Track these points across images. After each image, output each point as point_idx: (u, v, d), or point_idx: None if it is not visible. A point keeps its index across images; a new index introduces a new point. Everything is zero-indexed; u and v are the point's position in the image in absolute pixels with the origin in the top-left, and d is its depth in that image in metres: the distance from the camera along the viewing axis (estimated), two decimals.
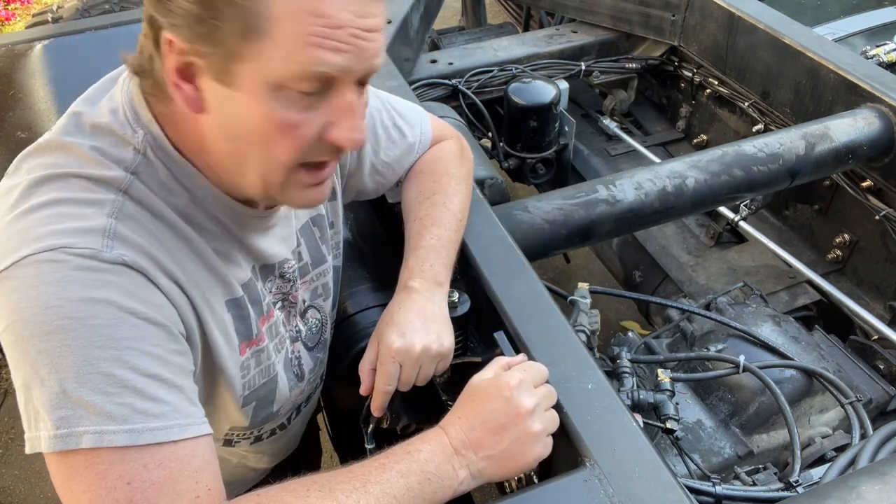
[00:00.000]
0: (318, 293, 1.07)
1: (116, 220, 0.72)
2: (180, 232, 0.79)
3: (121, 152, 0.76)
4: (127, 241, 0.72)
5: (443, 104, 1.91)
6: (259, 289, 0.92)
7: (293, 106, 0.71)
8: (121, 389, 0.67)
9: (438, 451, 0.80)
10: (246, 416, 0.96)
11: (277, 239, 0.94)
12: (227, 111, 0.73)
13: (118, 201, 0.73)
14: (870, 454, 1.03)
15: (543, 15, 3.33)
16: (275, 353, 0.97)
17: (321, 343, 1.10)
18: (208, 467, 0.73)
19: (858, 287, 1.91)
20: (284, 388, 1.00)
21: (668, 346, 1.46)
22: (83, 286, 0.68)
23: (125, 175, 0.75)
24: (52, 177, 0.73)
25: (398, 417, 1.07)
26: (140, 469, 0.67)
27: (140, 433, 0.67)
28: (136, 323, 0.69)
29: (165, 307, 0.74)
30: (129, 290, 0.70)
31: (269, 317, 0.95)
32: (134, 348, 0.69)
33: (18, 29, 4.59)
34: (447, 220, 1.10)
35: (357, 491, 0.73)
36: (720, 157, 1.57)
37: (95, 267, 0.69)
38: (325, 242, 1.06)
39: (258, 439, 1.07)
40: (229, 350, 0.86)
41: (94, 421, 0.66)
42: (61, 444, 0.66)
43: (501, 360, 0.91)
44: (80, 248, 0.69)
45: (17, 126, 1.62)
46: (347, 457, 1.42)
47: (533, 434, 0.83)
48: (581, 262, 3.14)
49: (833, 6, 2.70)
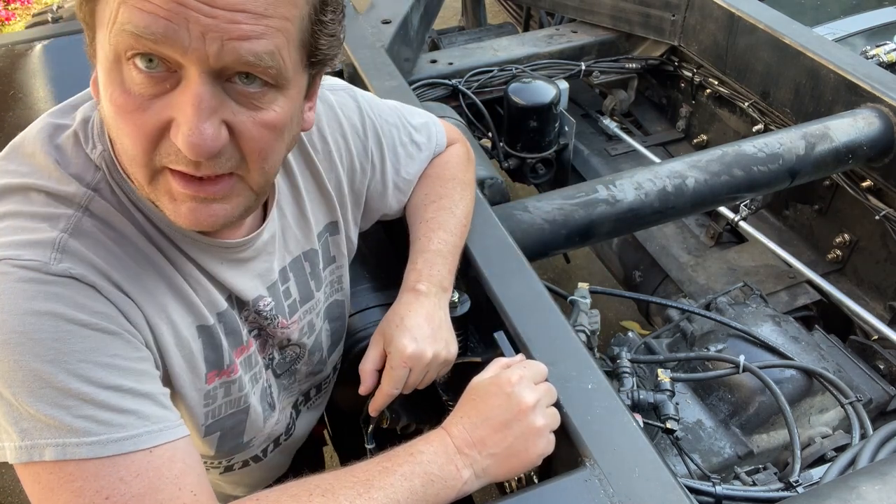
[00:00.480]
0: (303, 332, 1.01)
1: (69, 235, 0.68)
2: (143, 253, 0.74)
3: (82, 167, 0.72)
4: (77, 255, 0.68)
5: (443, 104, 1.91)
6: (236, 319, 0.87)
7: (132, 87, 0.63)
8: (78, 402, 0.64)
9: (441, 452, 0.79)
10: (210, 446, 0.91)
11: (252, 275, 0.88)
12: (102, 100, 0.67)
13: (75, 216, 0.70)
14: (870, 454, 1.03)
15: (543, 15, 3.33)
16: (250, 384, 0.92)
17: (290, 372, 1.05)
18: (190, 471, 0.70)
19: (858, 287, 1.91)
20: (258, 420, 0.96)
21: (668, 346, 1.46)
22: (27, 299, 0.64)
23: (85, 191, 0.71)
24: (12, 188, 0.70)
25: (398, 417, 1.07)
26: (117, 482, 0.65)
27: (104, 445, 0.65)
28: (87, 335, 0.66)
29: (118, 317, 0.70)
30: (78, 303, 0.66)
31: (247, 347, 0.90)
32: (88, 360, 0.65)
33: (18, 29, 4.59)
34: (453, 226, 1.09)
35: (361, 497, 0.71)
36: (720, 157, 1.57)
37: (40, 279, 0.65)
38: (315, 278, 1.01)
39: (229, 469, 1.03)
40: (192, 376, 0.81)
41: (55, 434, 0.64)
42: (25, 456, 0.64)
43: (501, 361, 0.91)
44: (25, 261, 0.65)
45: (17, 126, 1.61)
46: (347, 457, 1.42)
47: (536, 429, 0.82)
48: (581, 262, 3.14)
49: (833, 6, 2.70)
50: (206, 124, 0.62)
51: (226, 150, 0.66)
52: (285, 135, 0.71)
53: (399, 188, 1.11)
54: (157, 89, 0.63)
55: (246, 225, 0.85)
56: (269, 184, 0.75)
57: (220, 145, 0.64)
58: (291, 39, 0.65)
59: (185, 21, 0.59)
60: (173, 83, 0.63)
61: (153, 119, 0.63)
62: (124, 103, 0.63)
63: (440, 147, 1.17)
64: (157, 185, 0.68)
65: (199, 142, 0.62)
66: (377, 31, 1.95)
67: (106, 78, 0.64)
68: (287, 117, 0.70)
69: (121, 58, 0.62)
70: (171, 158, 0.65)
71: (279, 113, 0.68)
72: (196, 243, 0.79)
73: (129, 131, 0.64)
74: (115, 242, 0.72)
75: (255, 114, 0.66)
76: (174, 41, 0.59)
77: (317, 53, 0.71)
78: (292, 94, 0.69)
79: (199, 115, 0.62)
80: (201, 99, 0.62)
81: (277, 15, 0.62)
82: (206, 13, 0.59)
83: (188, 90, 0.62)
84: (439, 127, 1.17)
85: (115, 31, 0.60)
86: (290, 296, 0.96)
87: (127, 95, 0.63)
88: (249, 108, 0.66)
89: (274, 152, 0.71)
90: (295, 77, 0.69)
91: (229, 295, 0.85)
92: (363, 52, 1.77)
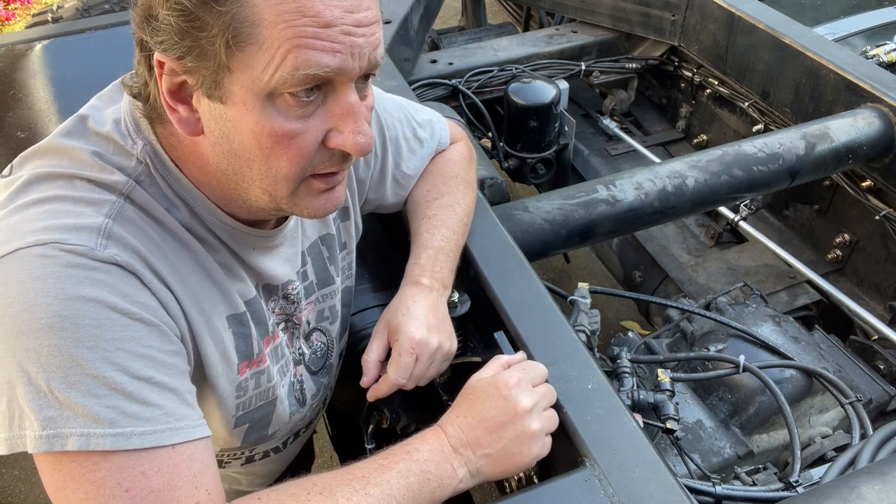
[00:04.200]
0: (324, 315, 1.03)
1: (113, 221, 0.70)
2: (182, 241, 0.77)
3: (122, 160, 0.75)
4: (122, 241, 0.70)
5: (443, 104, 1.91)
6: (263, 308, 0.89)
7: (289, 114, 0.68)
8: (109, 392, 0.65)
9: (437, 450, 0.80)
10: (237, 437, 0.93)
11: (281, 259, 0.91)
12: (222, 128, 0.70)
13: (118, 203, 0.72)
14: (870, 454, 1.03)
15: (543, 15, 3.33)
16: (278, 376, 0.94)
17: (326, 367, 1.06)
18: (207, 471, 0.71)
19: (858, 287, 1.91)
20: (284, 414, 0.97)
21: (668, 346, 1.46)
22: (74, 283, 0.65)
23: (127, 180, 0.74)
24: (54, 175, 0.72)
25: (398, 417, 1.07)
26: (138, 476, 0.66)
27: (128, 437, 0.65)
28: (127, 323, 0.67)
29: (157, 309, 0.71)
30: (121, 290, 0.68)
31: (273, 338, 0.92)
32: (124, 350, 0.66)
33: (18, 29, 4.59)
34: (455, 224, 1.10)
35: (357, 493, 0.72)
36: (720, 157, 1.57)
37: (86, 265, 0.67)
38: (333, 263, 1.02)
39: (250, 460, 1.05)
40: (225, 367, 0.83)
41: (81, 423, 0.64)
42: (46, 445, 0.64)
43: (500, 360, 0.91)
44: (72, 245, 0.67)
45: (17, 126, 1.62)
46: (347, 457, 1.42)
47: (531, 433, 0.83)
48: (581, 262, 3.14)
49: (833, 6, 2.70)
50: (366, 125, 0.72)
51: None
52: None
53: (398, 182, 1.11)
54: (311, 109, 0.69)
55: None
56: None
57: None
58: None
59: (351, 47, 0.66)
60: (321, 98, 0.69)
61: (314, 137, 0.70)
62: (290, 131, 0.68)
63: (443, 144, 1.17)
64: (299, 192, 0.74)
65: (367, 140, 0.71)
66: None
67: (256, 112, 0.67)
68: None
69: (276, 93, 0.67)
70: (325, 163, 0.73)
71: (373, 96, 0.77)
72: (236, 233, 0.82)
73: (290, 155, 0.70)
74: (155, 231, 0.74)
75: (366, 102, 0.74)
76: (346, 71, 0.67)
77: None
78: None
79: (359, 120, 0.71)
80: (359, 106, 0.71)
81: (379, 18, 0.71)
82: (360, 35, 0.67)
83: (345, 101, 0.70)
84: (443, 125, 1.18)
85: (283, 73, 0.65)
86: (308, 278, 0.98)
87: (291, 123, 0.68)
88: (363, 98, 0.74)
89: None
90: None
91: (257, 284, 0.88)
92: None
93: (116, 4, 2.75)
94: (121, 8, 2.71)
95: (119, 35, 1.87)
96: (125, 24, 1.92)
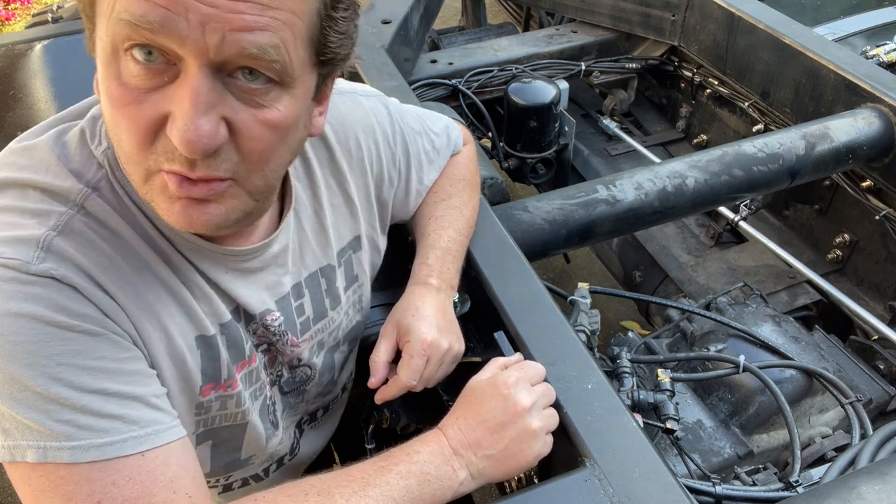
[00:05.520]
0: (312, 351, 0.96)
1: (57, 233, 0.65)
2: (140, 256, 0.71)
3: (84, 164, 0.70)
4: (62, 254, 0.65)
5: (443, 104, 1.91)
6: (241, 331, 0.82)
7: (129, 79, 0.59)
8: (58, 407, 0.62)
9: (437, 452, 0.79)
10: (205, 459, 0.88)
11: (259, 286, 0.83)
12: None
13: (66, 214, 0.67)
14: (870, 454, 1.03)
15: (543, 15, 3.33)
16: (250, 400, 0.88)
17: (297, 392, 1.01)
18: (185, 474, 0.68)
19: (858, 287, 1.91)
20: (258, 438, 0.92)
21: (668, 346, 1.46)
22: (5, 299, 0.61)
23: (81, 188, 0.68)
24: (10, 183, 0.68)
25: (398, 417, 1.07)
26: (109, 486, 0.64)
27: (85, 450, 0.63)
28: (68, 337, 0.63)
29: (102, 319, 0.66)
30: (58, 304, 0.63)
31: (249, 362, 0.86)
32: (68, 364, 0.63)
33: (18, 29, 4.59)
34: (462, 226, 1.10)
35: (356, 494, 0.72)
36: (720, 157, 1.57)
37: (19, 279, 0.62)
38: (330, 296, 0.96)
39: (228, 488, 0.99)
40: (183, 386, 0.77)
41: (36, 437, 0.62)
42: (8, 455, 0.63)
43: (498, 361, 0.91)
44: (6, 259, 0.62)
45: (17, 126, 1.62)
46: (347, 457, 1.42)
47: (532, 431, 0.82)
48: (581, 262, 3.14)
49: (833, 6, 2.70)
50: (202, 119, 0.58)
51: (224, 149, 0.62)
52: (289, 137, 0.68)
53: (420, 193, 1.10)
54: (155, 82, 0.59)
55: (256, 233, 0.82)
56: (270, 189, 0.71)
57: (217, 143, 0.60)
58: (298, 34, 0.62)
59: (185, 10, 0.55)
60: (172, 76, 0.59)
61: (149, 112, 0.60)
62: (120, 95, 0.60)
63: (457, 148, 1.17)
64: (153, 184, 0.65)
65: (195, 137, 0.58)
66: (377, 31, 1.95)
67: (104, 71, 0.61)
68: (292, 118, 0.66)
69: (118, 50, 0.59)
70: (167, 157, 0.62)
71: (283, 112, 0.64)
72: (199, 249, 0.75)
73: (125, 126, 0.61)
74: (109, 243, 0.69)
75: (256, 111, 0.62)
76: (172, 31, 0.56)
77: (326, 51, 0.67)
78: (298, 94, 0.66)
79: (196, 110, 0.58)
80: (199, 92, 0.58)
81: (284, 7, 0.59)
82: (206, 2, 0.56)
83: (186, 83, 0.58)
84: (458, 131, 1.18)
85: (112, 20, 0.57)
86: (304, 313, 0.92)
87: (123, 88, 0.60)
88: (251, 105, 0.62)
89: (276, 155, 0.67)
90: (302, 75, 0.65)
91: (236, 307, 0.81)
92: (363, 51, 1.77)
93: None
94: None
95: None
96: None
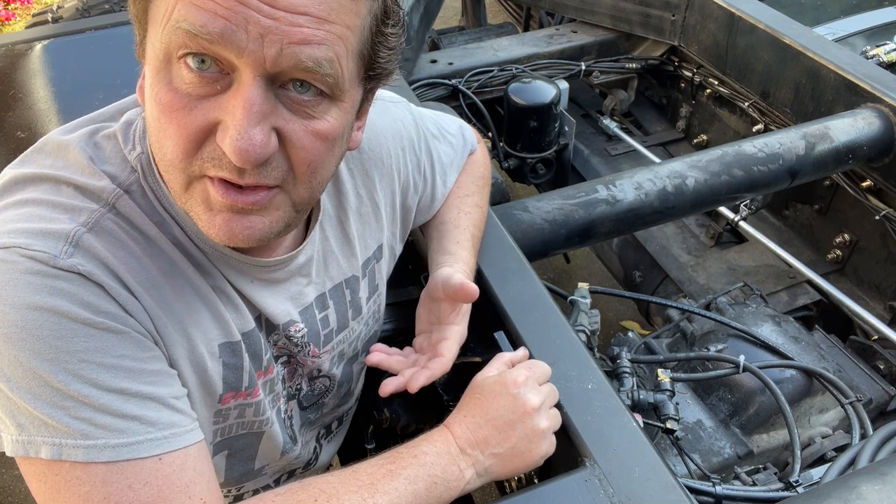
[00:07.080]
0: (333, 362, 0.97)
1: (87, 230, 0.65)
2: (169, 259, 0.71)
3: (117, 167, 0.71)
4: (90, 251, 0.65)
5: (443, 104, 1.91)
6: (262, 342, 0.83)
7: (180, 86, 0.60)
8: (76, 404, 0.62)
9: (444, 453, 0.79)
10: (219, 470, 0.89)
11: (283, 297, 0.83)
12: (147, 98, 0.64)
13: (98, 212, 0.67)
14: (870, 454, 1.03)
15: (543, 15, 3.33)
16: (270, 408, 0.89)
17: (317, 406, 1.01)
18: (201, 479, 0.68)
19: (858, 287, 1.91)
20: (274, 449, 0.93)
21: (668, 346, 1.46)
22: (31, 292, 0.61)
23: (114, 188, 0.69)
24: (44, 177, 0.68)
25: (398, 417, 1.07)
26: (125, 489, 0.63)
27: (101, 449, 0.62)
28: (92, 334, 0.63)
29: (126, 318, 0.66)
30: (84, 300, 0.63)
31: (266, 372, 0.86)
32: (90, 361, 0.62)
33: (18, 29, 4.59)
34: (481, 224, 1.13)
35: (365, 502, 0.71)
36: (720, 157, 1.57)
37: (46, 272, 0.62)
38: (353, 306, 0.96)
39: (238, 499, 0.99)
40: (203, 394, 0.77)
41: (52, 433, 0.62)
42: (22, 450, 0.63)
43: (504, 357, 0.91)
44: (34, 251, 0.62)
45: (17, 126, 1.61)
46: (348, 456, 1.42)
47: (540, 431, 0.82)
48: (581, 262, 3.14)
49: (833, 6, 2.70)
50: (256, 129, 0.59)
51: (274, 158, 0.63)
52: (335, 148, 0.68)
53: (444, 196, 1.11)
54: (207, 90, 0.60)
55: (283, 244, 0.82)
56: (313, 201, 0.72)
57: (269, 152, 0.61)
58: (351, 49, 0.63)
59: (245, 21, 0.56)
60: (224, 85, 0.60)
61: (199, 119, 0.60)
62: (170, 101, 0.60)
63: (474, 147, 1.19)
64: (193, 193, 0.65)
65: (248, 147, 0.59)
66: None
67: (154, 77, 0.61)
68: (340, 129, 0.67)
69: (171, 57, 0.59)
70: (214, 164, 0.62)
71: (332, 124, 0.65)
72: (226, 259, 0.75)
73: (172, 132, 0.61)
74: (138, 244, 0.69)
75: (307, 123, 0.63)
76: (231, 42, 0.57)
77: (375, 66, 0.69)
78: (346, 107, 0.67)
79: (249, 119, 0.59)
80: (253, 102, 0.59)
81: (340, 22, 0.60)
82: (266, 14, 0.56)
83: (240, 93, 0.59)
84: (471, 131, 1.19)
85: (168, 28, 0.58)
86: (329, 325, 0.92)
87: (174, 94, 0.60)
88: (301, 116, 0.63)
89: (324, 166, 0.68)
90: (350, 89, 0.66)
91: (258, 316, 0.82)
92: None
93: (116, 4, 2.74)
94: (121, 8, 2.71)
95: (119, 35, 1.87)
96: (125, 24, 1.92)
